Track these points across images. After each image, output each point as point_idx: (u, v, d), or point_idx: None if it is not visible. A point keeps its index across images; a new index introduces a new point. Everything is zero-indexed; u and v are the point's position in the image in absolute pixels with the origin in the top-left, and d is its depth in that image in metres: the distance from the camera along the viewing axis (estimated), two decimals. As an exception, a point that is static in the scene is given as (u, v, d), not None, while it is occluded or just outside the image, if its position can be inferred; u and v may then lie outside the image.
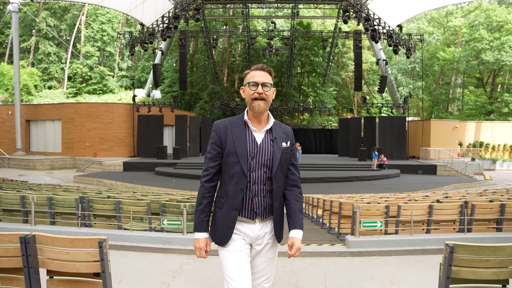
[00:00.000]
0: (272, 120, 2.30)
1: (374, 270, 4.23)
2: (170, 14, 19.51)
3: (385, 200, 7.07)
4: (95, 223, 5.55)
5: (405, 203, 6.02)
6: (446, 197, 8.78)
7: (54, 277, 2.46)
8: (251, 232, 2.23)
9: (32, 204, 5.27)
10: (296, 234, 2.25)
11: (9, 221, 5.75)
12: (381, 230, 5.23)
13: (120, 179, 19.92)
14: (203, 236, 2.24)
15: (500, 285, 2.40)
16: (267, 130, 2.27)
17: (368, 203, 6.05)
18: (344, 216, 6.01)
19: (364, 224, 4.98)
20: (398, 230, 5.41)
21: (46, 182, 17.56)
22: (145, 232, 5.11)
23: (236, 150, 2.19)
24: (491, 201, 6.44)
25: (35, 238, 2.39)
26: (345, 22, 18.25)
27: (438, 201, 6.82)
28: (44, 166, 25.70)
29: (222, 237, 2.21)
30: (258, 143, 2.24)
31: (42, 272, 2.46)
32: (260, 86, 2.20)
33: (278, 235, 2.30)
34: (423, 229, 5.49)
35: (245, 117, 2.27)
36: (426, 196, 9.23)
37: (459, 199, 7.13)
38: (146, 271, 4.06)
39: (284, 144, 2.29)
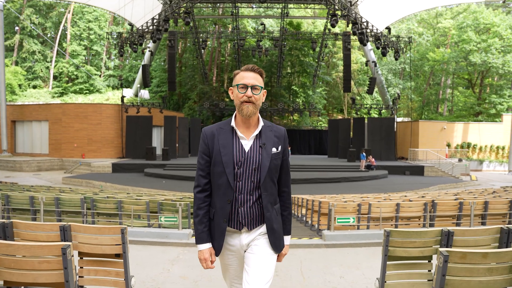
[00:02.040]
0: (261, 123, 2.26)
1: (344, 259, 5.10)
2: (160, 17, 20.24)
3: (363, 200, 7.95)
4: (98, 221, 6.32)
5: (378, 201, 6.90)
6: (423, 196, 9.71)
7: (84, 258, 3.24)
8: (238, 242, 2.27)
9: (41, 204, 6.03)
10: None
11: (19, 219, 6.48)
12: (353, 225, 6.10)
13: (110, 180, 20.51)
14: (206, 247, 2.26)
15: (426, 261, 3.24)
16: (255, 135, 2.23)
17: (345, 202, 6.92)
18: (323, 213, 6.88)
19: (339, 220, 5.84)
20: (370, 226, 6.29)
21: (35, 184, 18.13)
22: (144, 228, 5.91)
23: (222, 160, 2.18)
24: (456, 199, 7.36)
25: (71, 227, 3.18)
26: (333, 26, 19.19)
27: (410, 200, 7.72)
28: (31, 167, 26.12)
29: (215, 247, 2.26)
30: (246, 150, 2.20)
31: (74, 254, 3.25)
32: (249, 89, 2.16)
33: (275, 245, 2.27)
34: (391, 225, 6.38)
35: (232, 122, 2.25)
36: (405, 196, 10.14)
37: (430, 198, 8.04)
38: (149, 260, 4.86)
39: (274, 149, 2.24)
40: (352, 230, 6.03)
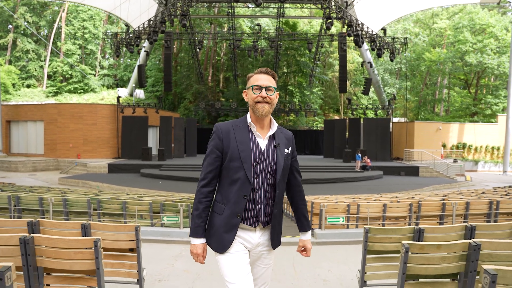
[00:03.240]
0: (275, 125, 2.39)
1: (333, 255, 5.64)
2: (157, 19, 20.73)
3: (354, 200, 8.51)
4: (104, 220, 6.83)
5: (367, 202, 7.45)
6: (413, 197, 10.28)
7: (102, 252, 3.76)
8: (251, 239, 2.32)
9: (50, 204, 6.53)
10: (306, 236, 2.58)
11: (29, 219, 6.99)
12: (343, 224, 6.65)
13: (106, 181, 20.91)
14: (200, 241, 2.32)
15: (399, 254, 3.79)
16: (270, 135, 2.35)
17: (336, 202, 7.47)
18: (315, 214, 7.43)
19: (329, 220, 6.39)
20: (358, 225, 6.84)
21: (32, 185, 18.55)
22: (148, 227, 6.42)
23: (240, 155, 2.23)
24: (442, 200, 7.93)
25: (90, 225, 3.70)
26: (328, 28, 19.79)
27: (398, 201, 8.27)
28: (26, 168, 26.49)
29: (223, 243, 2.27)
30: (262, 149, 2.30)
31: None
32: (264, 90, 2.28)
33: (275, 242, 2.40)
34: (379, 224, 6.93)
35: (249, 120, 2.34)
36: (395, 197, 10.70)
37: (418, 199, 8.61)
38: (154, 256, 5.38)
39: (286, 150, 2.37)
40: (341, 229, 6.58)
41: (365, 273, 3.78)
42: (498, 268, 1.76)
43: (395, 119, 40.24)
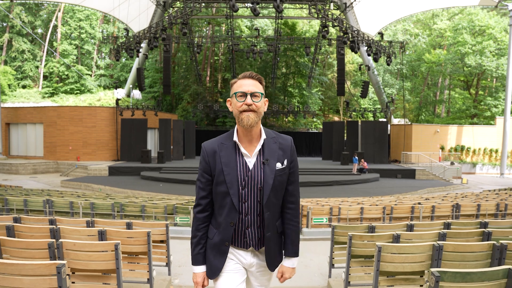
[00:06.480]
0: (263, 136, 2.23)
1: (316, 248, 7.28)
2: (158, 26, 22.33)
3: (340, 204, 10.15)
4: (125, 221, 8.48)
5: (349, 205, 9.10)
6: (395, 200, 11.92)
7: (140, 243, 5.37)
8: (244, 259, 2.31)
9: (80, 208, 8.16)
10: (287, 263, 2.37)
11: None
12: (327, 224, 8.29)
13: (108, 183, 22.28)
14: (200, 270, 2.30)
15: (359, 245, 5.40)
16: (259, 151, 2.21)
17: (322, 205, 9.11)
18: (304, 215, 9.06)
19: (314, 220, 8.02)
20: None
21: (36, 187, 20.06)
22: (163, 226, 8.06)
23: (226, 179, 2.17)
24: (419, 203, 9.56)
25: (132, 223, 5.31)
26: (324, 37, 21.40)
27: (376, 204, 9.91)
28: (27, 170, 28.02)
29: (211, 269, 2.28)
30: (250, 168, 2.19)
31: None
32: (249, 97, 2.12)
33: (271, 265, 2.33)
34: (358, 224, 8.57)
35: (235, 137, 2.22)
36: (380, 201, 12.35)
37: (394, 203, 10.25)
38: (172, 249, 7.01)
39: (279, 164, 2.22)
40: (325, 228, 8.21)
41: (333, 258, 5.40)
42: (383, 244, 3.38)
43: (395, 120, 41.84)
